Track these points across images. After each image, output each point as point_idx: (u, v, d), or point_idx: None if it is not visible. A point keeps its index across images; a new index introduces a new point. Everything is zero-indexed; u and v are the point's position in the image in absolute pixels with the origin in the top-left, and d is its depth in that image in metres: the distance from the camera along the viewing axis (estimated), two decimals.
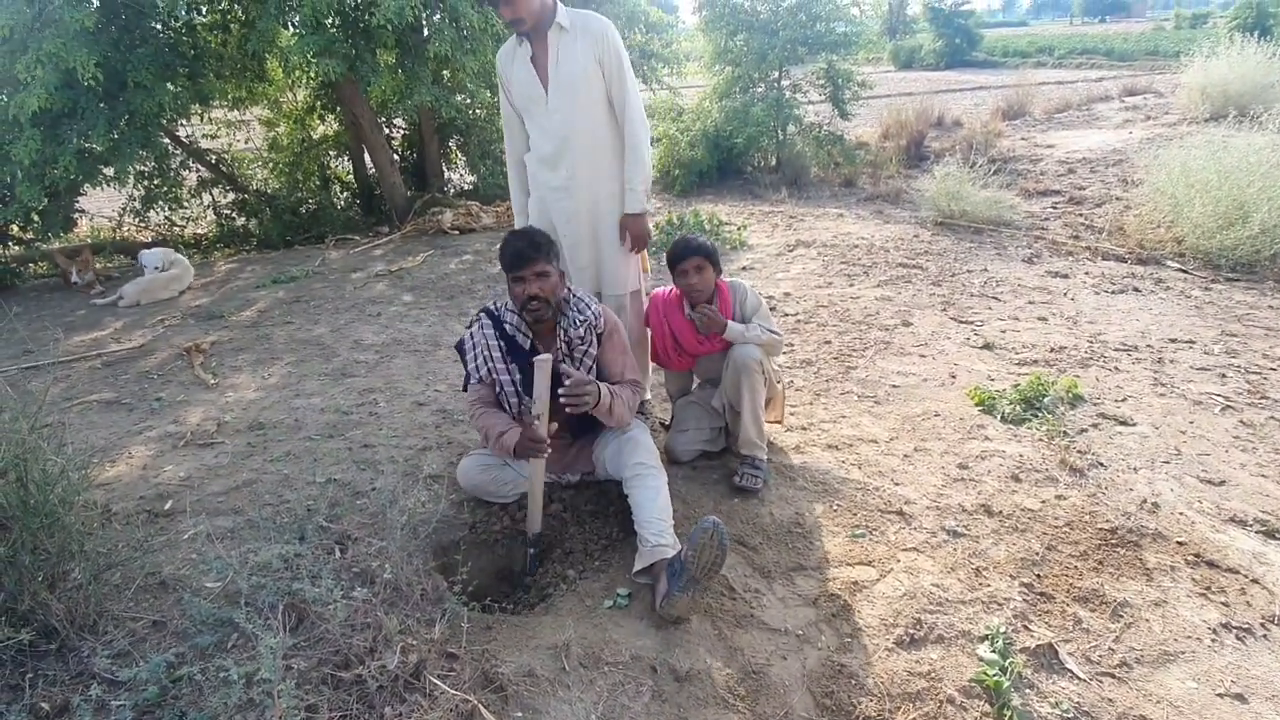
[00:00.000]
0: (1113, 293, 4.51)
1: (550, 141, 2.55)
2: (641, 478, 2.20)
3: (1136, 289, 4.54)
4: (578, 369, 2.29)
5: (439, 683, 1.58)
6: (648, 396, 3.05)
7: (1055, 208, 6.72)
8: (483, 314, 2.35)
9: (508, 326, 2.29)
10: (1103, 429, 2.97)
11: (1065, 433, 2.91)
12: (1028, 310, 4.27)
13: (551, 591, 2.10)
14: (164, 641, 1.76)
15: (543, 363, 2.06)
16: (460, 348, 2.39)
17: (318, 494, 2.45)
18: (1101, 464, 2.70)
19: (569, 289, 2.33)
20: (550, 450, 2.14)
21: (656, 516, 2.11)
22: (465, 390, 2.41)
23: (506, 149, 2.80)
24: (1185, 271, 4.78)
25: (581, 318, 2.27)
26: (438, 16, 5.54)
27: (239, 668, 1.46)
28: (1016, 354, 3.68)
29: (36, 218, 5.49)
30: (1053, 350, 3.70)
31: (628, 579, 2.09)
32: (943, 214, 6.25)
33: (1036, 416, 3.03)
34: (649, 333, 2.79)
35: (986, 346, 3.78)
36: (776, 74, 8.64)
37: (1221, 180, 4.97)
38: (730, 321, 2.56)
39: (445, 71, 6.39)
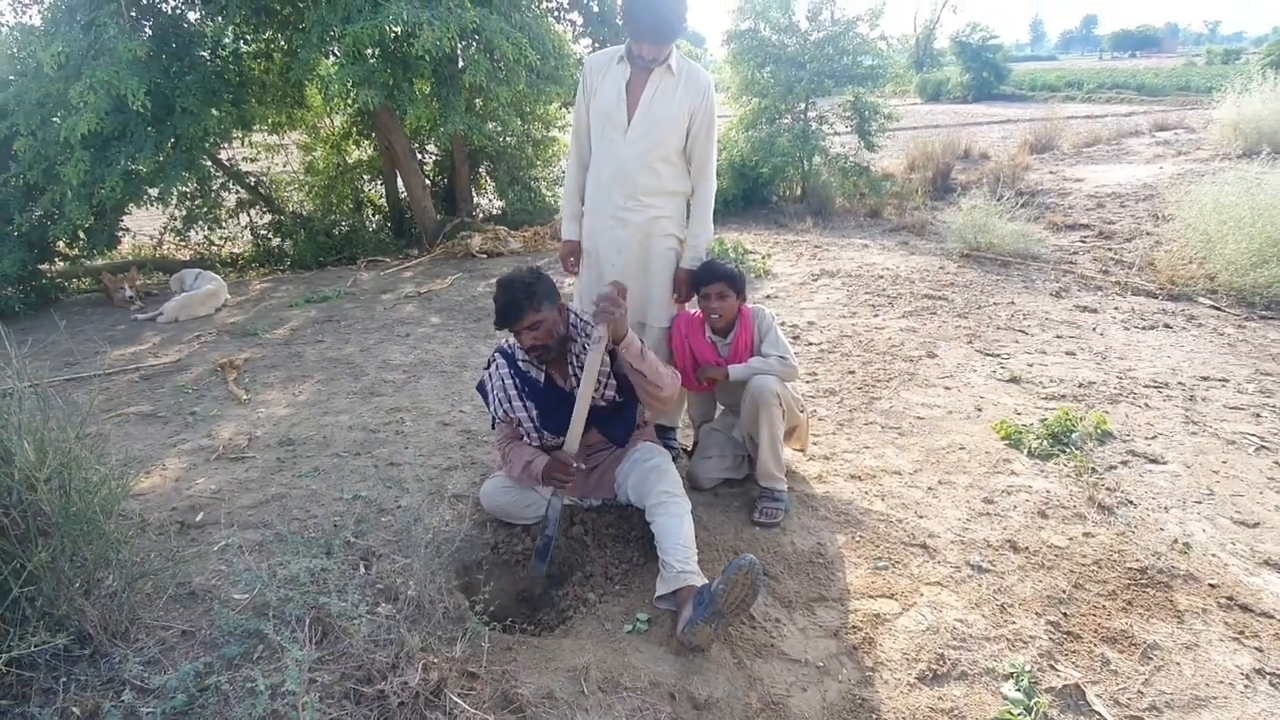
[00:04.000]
0: (1143, 328, 4.45)
1: (616, 168, 2.56)
2: (665, 505, 2.20)
3: (1168, 325, 4.48)
4: (597, 390, 2.32)
5: (459, 701, 1.59)
6: (676, 425, 3.07)
7: (1084, 241, 6.68)
8: (497, 354, 2.41)
9: (520, 363, 2.35)
10: (1132, 466, 2.92)
11: (1094, 469, 2.87)
12: (1055, 344, 4.23)
13: (571, 614, 2.10)
14: (192, 650, 1.80)
15: (597, 342, 2.13)
16: (481, 389, 2.45)
17: (344, 510, 2.50)
18: (1131, 502, 2.66)
19: (572, 314, 2.36)
20: (576, 472, 2.17)
21: (681, 544, 2.11)
22: (493, 428, 2.47)
23: (570, 153, 2.79)
24: (1218, 309, 4.71)
25: (590, 342, 2.31)
26: (473, 49, 5.70)
27: (265, 679, 1.49)
28: (1044, 388, 3.64)
29: (83, 235, 5.69)
30: (1081, 385, 3.66)
31: (648, 604, 2.09)
32: (969, 246, 6.23)
33: (1064, 452, 2.99)
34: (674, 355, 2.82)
35: (1013, 380, 3.75)
36: (803, 106, 8.73)
37: (1255, 217, 4.91)
38: (732, 367, 2.58)
39: (478, 100, 6.56)
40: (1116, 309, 4.81)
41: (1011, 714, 1.74)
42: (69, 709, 1.59)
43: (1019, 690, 1.82)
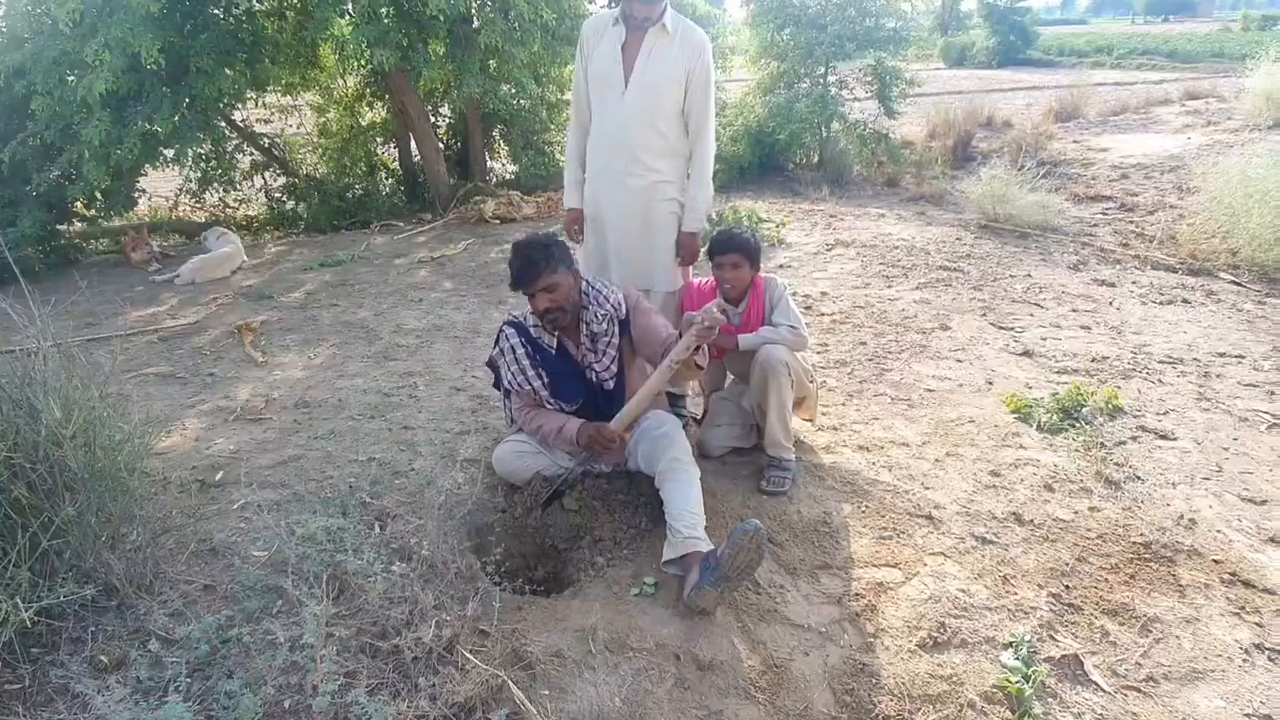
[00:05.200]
0: (1161, 303, 4.39)
1: (616, 132, 2.56)
2: (675, 472, 2.23)
3: (1186, 300, 4.42)
4: (599, 359, 2.34)
5: (471, 657, 1.65)
6: (685, 393, 3.09)
7: (1105, 214, 6.56)
8: (507, 327, 2.41)
9: (532, 331, 2.36)
10: (1142, 442, 2.92)
11: (1103, 444, 2.87)
12: (1070, 318, 4.19)
13: (580, 577, 2.15)
14: (214, 604, 1.86)
15: (686, 348, 2.09)
16: (492, 365, 2.46)
17: (359, 472, 2.55)
18: (1139, 477, 2.67)
19: (586, 282, 2.36)
20: (619, 444, 2.23)
21: (689, 510, 2.15)
22: (505, 397, 2.49)
23: (571, 119, 2.79)
24: (1239, 284, 4.64)
25: (602, 311, 2.32)
26: (488, 8, 5.61)
27: (284, 631, 1.55)
28: (1056, 362, 3.62)
29: (100, 196, 5.72)
30: (1094, 360, 3.64)
31: (655, 569, 2.14)
32: (987, 217, 6.14)
33: (1074, 426, 2.99)
34: None
35: (1026, 353, 3.73)
36: (823, 70, 8.54)
37: None
38: (741, 336, 2.58)
39: (493, 62, 6.47)
40: (1135, 283, 4.74)
41: (1009, 682, 1.77)
42: (97, 657, 1.67)
43: (1018, 659, 1.85)
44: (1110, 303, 4.43)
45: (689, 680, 1.77)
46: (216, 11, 5.83)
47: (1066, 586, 2.13)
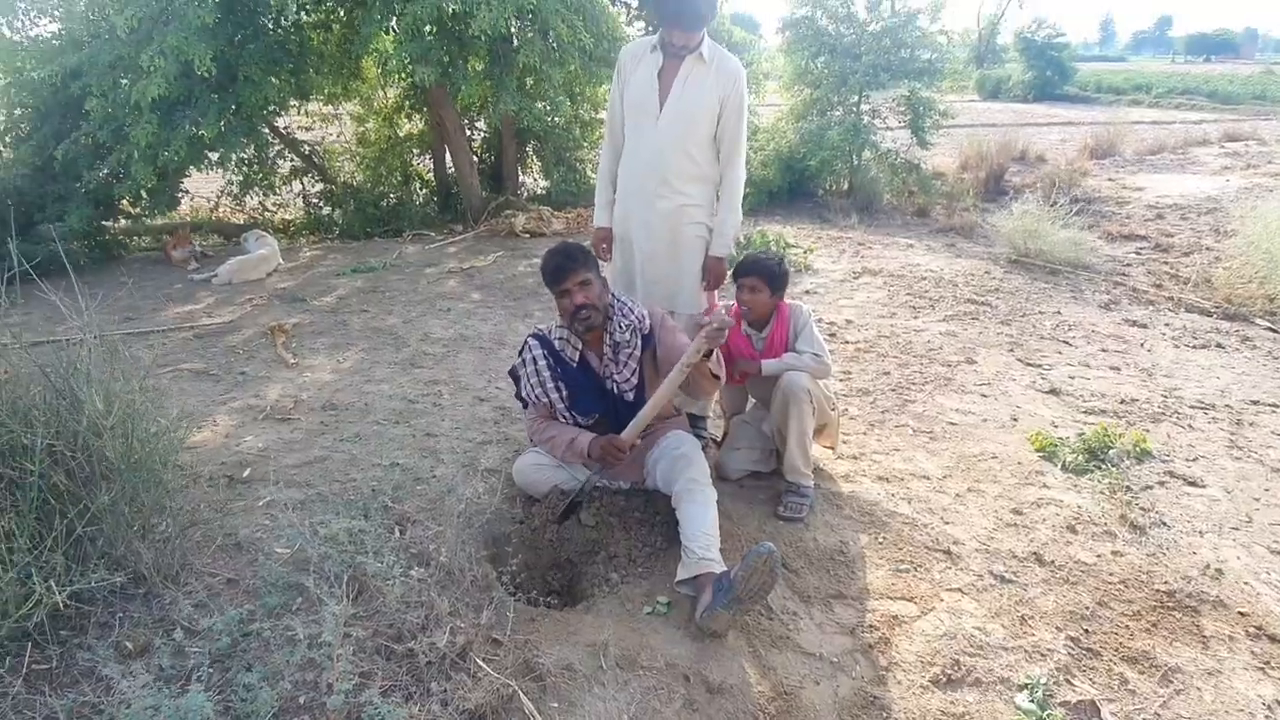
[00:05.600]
0: (1194, 347, 4.33)
1: (648, 154, 2.61)
2: (692, 493, 2.24)
3: (1220, 345, 4.34)
4: (620, 370, 2.37)
5: (483, 665, 1.66)
6: (708, 414, 3.11)
7: (1139, 253, 6.48)
8: (531, 339, 2.44)
9: (556, 343, 2.40)
10: (1170, 488, 2.87)
11: (1129, 488, 2.82)
12: (1100, 358, 4.14)
13: (594, 592, 2.16)
14: (236, 598, 1.90)
15: (696, 353, 2.09)
16: (514, 375, 2.50)
17: (382, 476, 2.59)
18: (1165, 524, 2.62)
19: (612, 294, 2.40)
20: (630, 454, 2.24)
21: (704, 531, 2.15)
22: (524, 407, 2.53)
23: (605, 140, 2.85)
24: (1275, 331, 4.55)
25: (626, 322, 2.35)
26: (528, 29, 5.74)
27: (304, 629, 1.58)
28: (1084, 402, 3.58)
29: (145, 195, 5.91)
30: (1123, 401, 3.59)
31: (669, 588, 2.14)
32: (1018, 251, 6.10)
33: (1100, 468, 2.95)
34: None
35: (1053, 391, 3.69)
36: (856, 98, 8.59)
37: None
38: (765, 362, 2.60)
39: (529, 80, 6.61)
40: (1168, 325, 4.68)
41: None
42: (122, 643, 1.71)
43: (1033, 702, 1.82)
44: (1141, 344, 4.37)
45: (698, 702, 1.76)
46: (266, 22, 6.03)
47: (1086, 631, 2.10)
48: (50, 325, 3.51)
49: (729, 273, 2.88)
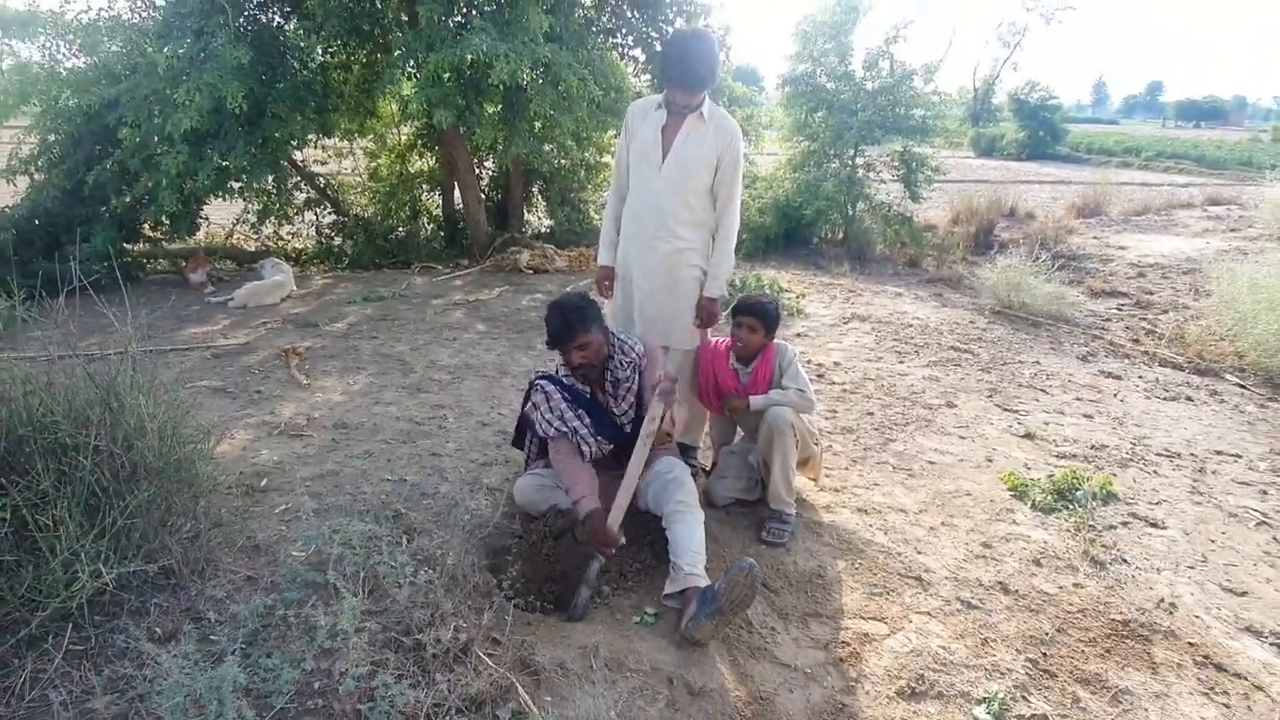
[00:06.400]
0: (1164, 399, 4.54)
1: (650, 201, 2.85)
2: (681, 514, 2.41)
3: (1190, 398, 4.56)
4: (619, 404, 2.56)
5: (485, 658, 1.81)
6: (698, 445, 3.29)
7: (1120, 309, 6.75)
8: (540, 381, 2.60)
9: (565, 380, 2.59)
10: (1132, 528, 3.04)
11: (1093, 526, 2.99)
12: (1074, 406, 4.34)
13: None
14: (256, 593, 2.05)
15: (647, 437, 2.34)
16: (524, 422, 2.65)
17: (391, 490, 2.76)
18: (1125, 560, 2.78)
19: (612, 334, 2.60)
20: (619, 547, 2.35)
21: (692, 549, 2.32)
22: (528, 449, 2.69)
23: (611, 186, 3.09)
24: (1243, 387, 4.77)
25: (627, 360, 2.55)
26: (541, 80, 6.09)
27: (325, 619, 1.74)
28: (1056, 446, 3.77)
29: (168, 220, 6.17)
30: (1094, 447, 3.78)
31: (656, 601, 2.30)
32: (1002, 303, 6.36)
33: (1067, 508, 3.12)
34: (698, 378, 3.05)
35: (1028, 435, 3.88)
36: (852, 152, 8.97)
37: None
38: (753, 398, 2.80)
39: (538, 124, 6.94)
40: (1141, 378, 4.90)
41: None
42: (153, 629, 1.86)
43: (989, 714, 1.97)
44: (1115, 394, 4.58)
45: (679, 703, 1.91)
46: (294, 63, 6.37)
47: (1044, 654, 2.25)
48: (76, 340, 3.68)
49: (725, 311, 3.10)
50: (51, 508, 1.80)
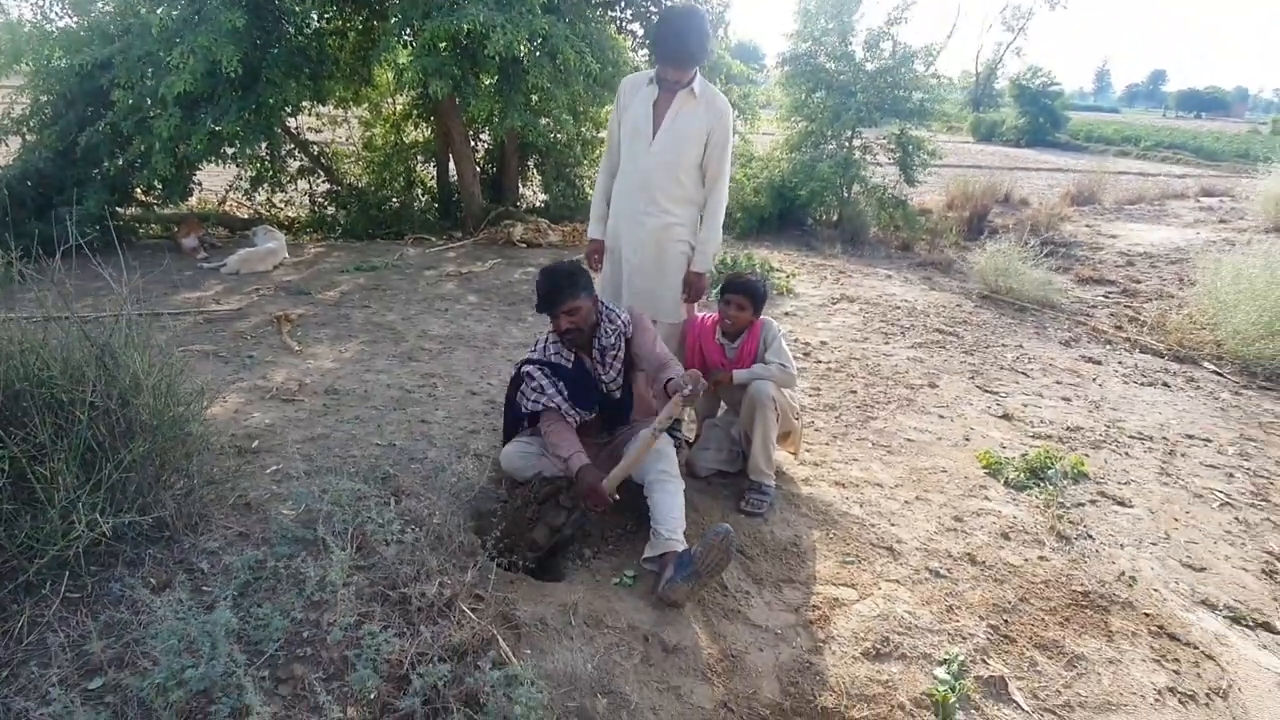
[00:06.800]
0: (1142, 384, 4.63)
1: (640, 176, 2.88)
2: (663, 483, 2.49)
3: (1166, 384, 4.66)
4: (607, 371, 2.62)
5: (468, 611, 1.89)
6: (684, 418, 3.36)
7: (1107, 297, 6.84)
8: (527, 366, 2.65)
9: (550, 355, 2.65)
10: (1099, 506, 3.14)
11: (1062, 504, 3.09)
12: (1053, 389, 4.43)
13: (567, 566, 2.40)
14: (247, 548, 2.12)
15: (657, 430, 2.40)
16: (510, 406, 2.72)
17: (379, 454, 2.82)
18: (1090, 536, 2.89)
19: (601, 303, 2.65)
20: (609, 505, 2.44)
21: (672, 516, 2.40)
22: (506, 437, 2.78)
23: (602, 162, 3.13)
24: (1219, 374, 4.87)
25: (613, 327, 2.61)
26: (538, 52, 6.06)
27: (314, 572, 1.81)
28: (1033, 427, 3.86)
29: (160, 185, 6.14)
30: (1069, 429, 3.87)
31: (636, 564, 2.38)
32: (989, 287, 6.43)
33: (1038, 485, 3.22)
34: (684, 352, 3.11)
35: (1005, 416, 3.97)
36: (849, 133, 8.96)
37: (1270, 289, 5.06)
38: (736, 371, 2.87)
39: (534, 97, 6.91)
40: (1120, 364, 4.99)
41: (938, 691, 1.99)
42: (148, 579, 1.93)
43: (948, 674, 2.07)
44: (1094, 379, 4.67)
45: (654, 658, 2.00)
46: (290, 29, 6.32)
47: (1005, 621, 2.35)
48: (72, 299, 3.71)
49: (713, 287, 3.15)
50: (49, 460, 1.86)
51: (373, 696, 1.63)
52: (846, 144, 9.05)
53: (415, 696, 1.61)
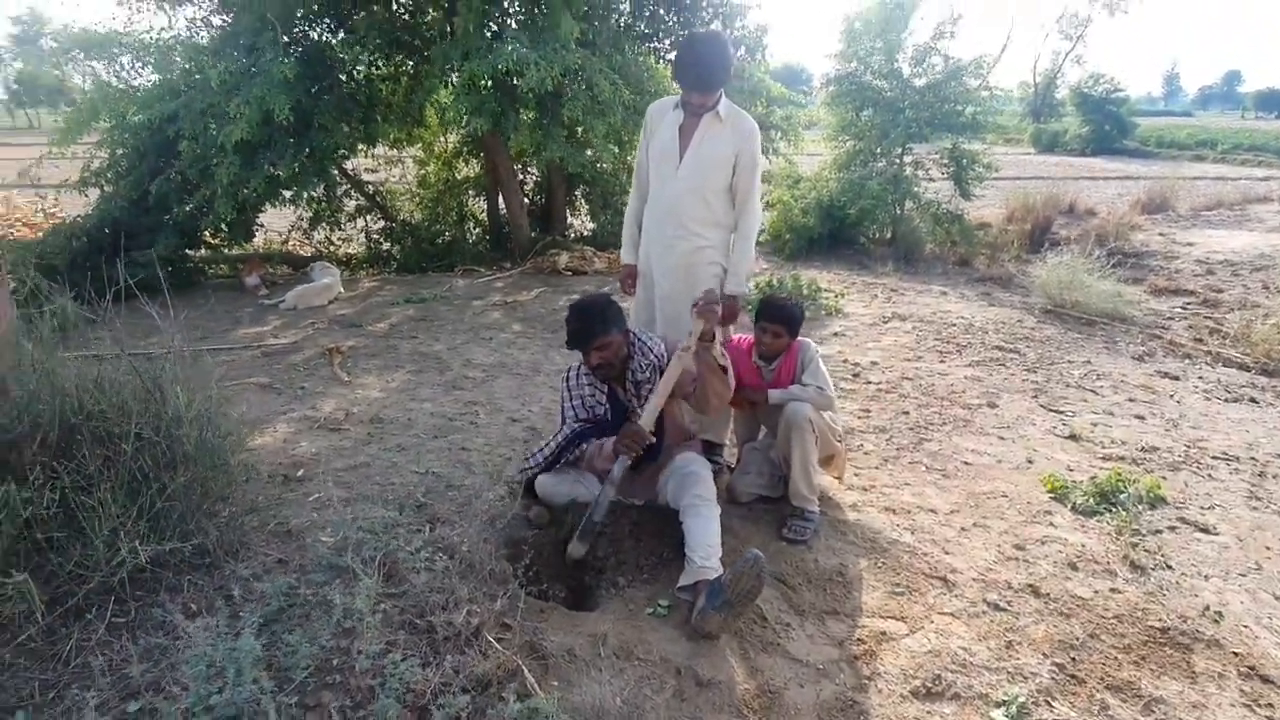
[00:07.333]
0: (1225, 400, 4.30)
1: (668, 201, 2.87)
2: (697, 508, 2.42)
3: (1254, 400, 4.31)
4: (641, 404, 2.59)
5: (494, 642, 1.86)
6: (724, 442, 3.28)
7: (1185, 308, 6.43)
8: (574, 369, 2.69)
9: (585, 386, 2.67)
10: (1180, 533, 2.90)
11: (1137, 530, 2.86)
12: (1126, 407, 4.16)
13: (600, 594, 2.34)
14: (284, 575, 2.15)
15: (685, 350, 2.40)
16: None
17: (418, 481, 2.84)
18: (1169, 566, 2.66)
19: (633, 334, 2.63)
20: (647, 440, 2.42)
21: (706, 542, 2.32)
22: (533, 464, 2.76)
23: (633, 187, 3.13)
24: None
25: (646, 361, 2.58)
26: (574, 85, 6.19)
27: (342, 600, 1.81)
28: (1103, 449, 3.62)
29: (226, 227, 6.49)
30: (1144, 449, 3.61)
31: (670, 593, 2.30)
32: (1053, 301, 6.13)
33: (1110, 511, 2.99)
34: None
35: (1073, 437, 3.73)
36: (899, 150, 8.78)
37: None
38: (770, 391, 2.78)
39: (579, 129, 7.03)
40: (1201, 378, 4.66)
41: None
42: (188, 604, 1.97)
43: (1007, 717, 1.91)
44: (1171, 395, 4.36)
45: (687, 693, 1.91)
46: (340, 76, 6.63)
47: (1072, 659, 2.17)
48: (135, 339, 3.91)
49: (751, 311, 3.08)
50: (96, 489, 1.92)
51: None
52: (897, 161, 8.86)
53: None
